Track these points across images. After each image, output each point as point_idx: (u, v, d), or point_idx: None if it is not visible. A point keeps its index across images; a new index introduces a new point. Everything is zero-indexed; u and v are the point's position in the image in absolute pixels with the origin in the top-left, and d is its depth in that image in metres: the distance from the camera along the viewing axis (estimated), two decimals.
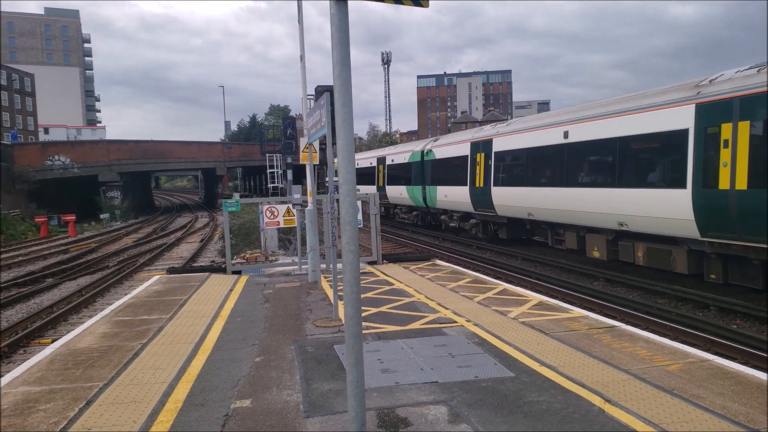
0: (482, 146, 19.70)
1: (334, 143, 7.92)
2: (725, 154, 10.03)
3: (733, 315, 10.17)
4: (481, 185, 19.55)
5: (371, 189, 29.55)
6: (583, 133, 14.10)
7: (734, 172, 9.84)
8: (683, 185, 10.92)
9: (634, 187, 12.36)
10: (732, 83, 10.16)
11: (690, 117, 10.81)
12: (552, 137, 15.38)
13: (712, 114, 10.35)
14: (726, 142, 10.02)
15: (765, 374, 5.42)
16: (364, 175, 33.13)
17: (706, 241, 10.64)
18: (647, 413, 4.53)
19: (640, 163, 12.52)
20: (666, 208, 11.37)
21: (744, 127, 9.74)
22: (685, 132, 10.89)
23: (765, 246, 9.32)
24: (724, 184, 10.04)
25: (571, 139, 14.48)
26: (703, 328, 9.26)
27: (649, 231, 12.11)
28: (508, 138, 17.99)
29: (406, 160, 27.30)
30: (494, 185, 18.63)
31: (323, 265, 11.90)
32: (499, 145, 18.58)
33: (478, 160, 19.97)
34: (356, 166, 26.08)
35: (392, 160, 29.17)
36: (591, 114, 14.02)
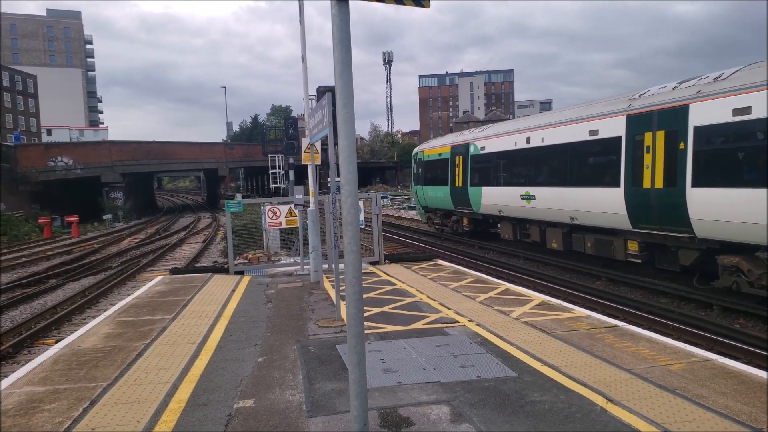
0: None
1: (335, 143, 7.93)
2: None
3: (736, 315, 10.15)
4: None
5: (441, 192, 23.26)
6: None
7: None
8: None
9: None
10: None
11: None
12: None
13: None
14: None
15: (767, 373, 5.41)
16: (433, 171, 24.46)
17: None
18: (650, 413, 4.53)
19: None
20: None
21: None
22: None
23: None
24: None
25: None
26: (706, 328, 9.24)
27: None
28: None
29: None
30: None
31: (325, 266, 11.92)
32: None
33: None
34: (424, 159, 26.43)
35: (482, 148, 19.36)
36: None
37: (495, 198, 18.38)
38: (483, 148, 19.27)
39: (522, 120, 18.52)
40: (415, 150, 27.59)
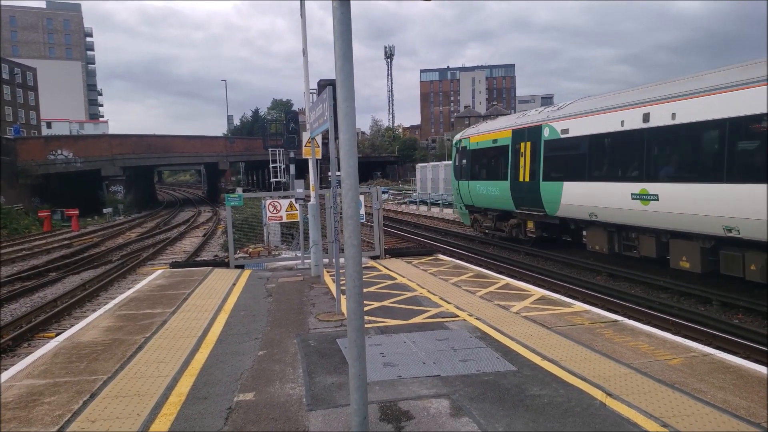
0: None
1: (336, 137, 7.92)
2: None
3: (735, 310, 10.16)
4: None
5: (495, 189, 18.55)
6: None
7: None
8: None
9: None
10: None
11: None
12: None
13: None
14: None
15: (766, 368, 5.42)
16: (484, 162, 19.95)
17: None
18: (649, 407, 4.54)
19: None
20: None
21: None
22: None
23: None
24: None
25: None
26: (705, 323, 9.26)
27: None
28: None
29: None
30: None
31: (326, 260, 11.93)
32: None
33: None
34: (471, 147, 21.48)
35: (565, 131, 15.02)
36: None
37: (584, 197, 13.93)
38: (565, 131, 14.66)
39: (631, 91, 13.05)
40: (458, 136, 22.26)
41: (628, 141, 12.61)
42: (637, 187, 12.24)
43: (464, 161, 20.99)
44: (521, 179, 16.91)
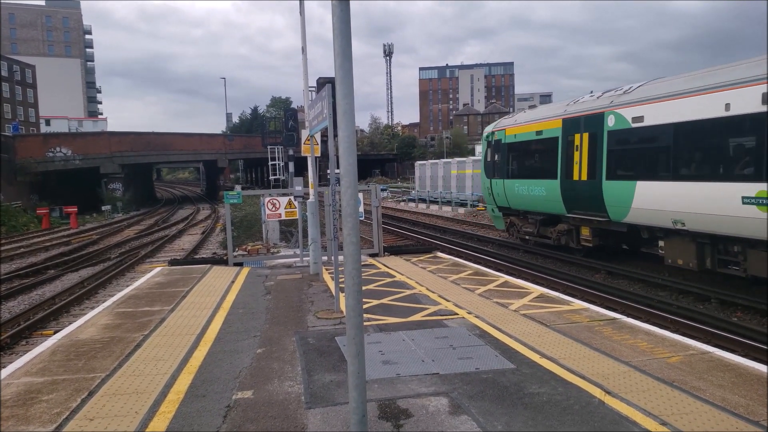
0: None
1: (335, 135, 7.91)
2: None
3: (733, 308, 10.17)
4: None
5: (540, 188, 15.72)
6: None
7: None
8: None
9: None
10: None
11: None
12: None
13: None
14: None
15: (765, 366, 5.43)
16: (525, 158, 17.09)
17: None
18: (647, 405, 4.54)
19: None
20: None
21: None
22: None
23: None
24: None
25: None
26: (703, 321, 9.26)
27: None
28: None
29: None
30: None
31: (325, 257, 11.92)
32: None
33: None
34: (508, 140, 16.71)
35: (637, 119, 12.23)
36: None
37: (667, 200, 11.35)
38: (638, 119, 11.97)
39: (738, 66, 10.22)
40: (490, 128, 19.27)
41: (737, 129, 10.04)
42: (752, 188, 9.49)
43: (498, 157, 18.09)
44: (575, 177, 14.22)
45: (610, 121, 12.94)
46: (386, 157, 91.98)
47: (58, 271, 15.98)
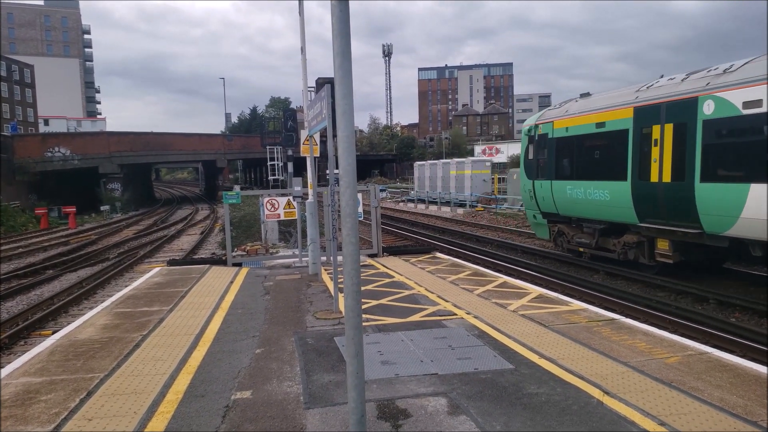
0: None
1: (334, 135, 7.91)
2: None
3: (732, 308, 10.18)
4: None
5: (602, 192, 13.23)
6: None
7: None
8: None
9: None
10: None
11: None
12: None
13: None
14: None
15: (763, 367, 5.44)
16: (582, 155, 14.35)
17: None
18: (646, 405, 4.55)
19: None
20: None
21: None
22: None
23: None
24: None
25: None
26: (702, 322, 9.27)
27: None
28: None
29: None
30: None
31: (324, 258, 11.92)
32: None
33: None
34: (557, 135, 14.26)
35: (756, 102, 9.52)
36: None
37: None
38: (754, 104, 9.52)
39: None
40: (532, 120, 16.68)
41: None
42: None
43: (544, 154, 15.54)
44: (653, 179, 11.70)
45: (707, 108, 10.42)
46: (385, 157, 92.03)
47: (57, 272, 15.96)
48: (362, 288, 3.81)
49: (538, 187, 15.91)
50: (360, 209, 12.91)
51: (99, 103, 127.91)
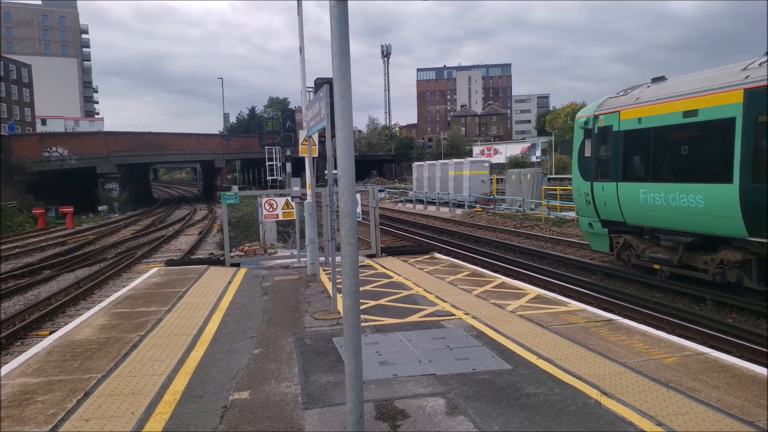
0: None
1: (333, 135, 7.91)
2: None
3: (729, 309, 10.20)
4: None
5: (692, 196, 10.35)
6: None
7: None
8: None
9: None
10: None
11: None
12: None
13: None
14: None
15: (760, 367, 5.45)
16: (659, 153, 11.38)
17: None
18: (643, 405, 4.56)
19: None
20: None
21: None
22: None
23: None
24: None
25: None
26: (699, 322, 9.29)
27: None
28: None
29: None
30: None
31: (322, 258, 11.92)
32: None
33: None
34: (624, 127, 11.74)
35: None
36: None
37: None
38: None
39: None
40: (590, 110, 13.77)
41: None
42: None
43: (606, 150, 12.83)
44: None
45: None
46: (384, 157, 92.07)
47: (54, 272, 15.92)
48: (361, 288, 3.82)
49: (599, 191, 13.02)
50: (358, 209, 12.91)
51: (97, 103, 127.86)
